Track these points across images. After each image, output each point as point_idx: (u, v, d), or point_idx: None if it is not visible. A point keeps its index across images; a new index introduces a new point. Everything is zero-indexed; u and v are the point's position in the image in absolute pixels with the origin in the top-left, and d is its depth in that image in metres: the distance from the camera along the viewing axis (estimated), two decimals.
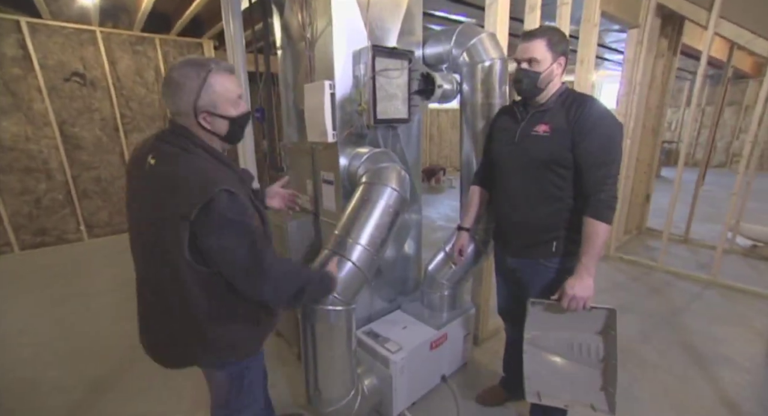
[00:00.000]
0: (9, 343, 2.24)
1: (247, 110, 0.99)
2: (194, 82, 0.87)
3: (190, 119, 0.90)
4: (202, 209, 0.81)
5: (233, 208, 0.85)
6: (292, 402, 1.76)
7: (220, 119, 0.92)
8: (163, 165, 0.89)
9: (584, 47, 2.29)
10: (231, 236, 0.86)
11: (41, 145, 3.77)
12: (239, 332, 1.02)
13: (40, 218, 3.89)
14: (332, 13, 1.42)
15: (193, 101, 0.88)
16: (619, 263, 3.29)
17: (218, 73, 0.90)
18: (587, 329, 1.25)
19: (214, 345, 0.99)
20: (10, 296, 2.85)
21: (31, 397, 1.81)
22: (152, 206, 0.89)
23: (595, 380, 1.25)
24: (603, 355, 1.23)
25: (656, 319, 2.40)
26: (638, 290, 2.80)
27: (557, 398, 1.30)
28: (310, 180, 1.88)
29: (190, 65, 0.88)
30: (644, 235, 4.00)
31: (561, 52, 1.19)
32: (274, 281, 0.95)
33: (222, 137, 0.96)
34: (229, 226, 0.85)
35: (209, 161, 0.91)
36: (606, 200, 1.13)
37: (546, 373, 1.32)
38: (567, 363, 1.30)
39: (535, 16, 1.85)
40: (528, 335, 1.31)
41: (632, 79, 2.97)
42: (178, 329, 0.97)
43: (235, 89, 0.94)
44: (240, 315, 1.00)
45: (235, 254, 0.87)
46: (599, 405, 1.23)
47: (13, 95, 3.57)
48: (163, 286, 0.94)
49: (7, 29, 3.42)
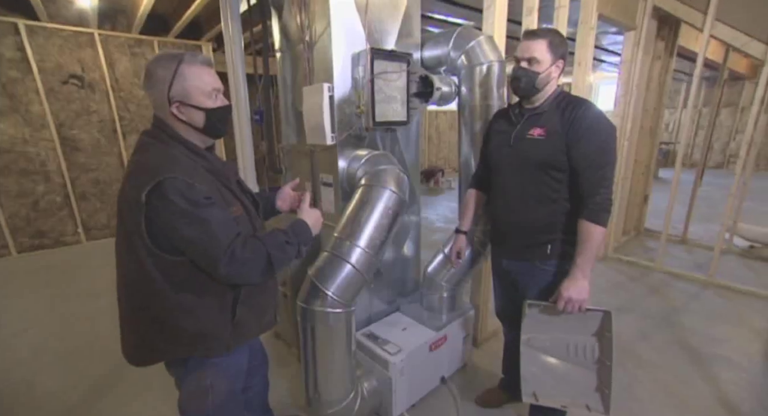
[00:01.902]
0: (8, 344, 2.24)
1: (226, 104, 0.98)
2: (167, 72, 0.88)
3: (165, 110, 0.91)
4: (152, 193, 0.82)
5: (185, 196, 0.84)
6: (291, 404, 1.75)
7: (194, 109, 0.92)
8: (136, 155, 0.93)
9: (581, 49, 2.30)
10: (184, 224, 0.86)
11: (39, 147, 3.76)
12: (207, 323, 0.98)
13: (38, 220, 3.88)
14: (330, 15, 1.43)
15: (166, 91, 0.89)
16: (618, 264, 3.31)
17: (191, 64, 0.90)
18: (583, 331, 1.26)
19: (179, 337, 0.96)
20: (9, 297, 2.84)
21: (30, 398, 1.81)
22: (120, 192, 0.90)
23: (590, 381, 1.27)
24: (598, 356, 1.25)
25: (655, 319, 2.41)
26: (637, 291, 2.81)
27: (553, 399, 1.31)
28: (308, 182, 1.88)
29: (164, 57, 0.90)
30: (642, 236, 4.01)
31: (560, 55, 1.20)
32: (239, 266, 0.90)
33: (200, 130, 0.95)
34: (180, 214, 0.85)
35: (181, 152, 0.92)
36: (601, 203, 1.14)
37: (542, 374, 1.33)
38: (562, 364, 1.32)
39: (533, 19, 1.86)
40: (524, 336, 1.32)
41: (629, 80, 2.99)
42: (142, 319, 0.96)
43: (210, 82, 0.94)
44: (208, 306, 0.97)
45: (191, 241, 0.87)
46: (594, 405, 1.25)
47: (11, 97, 3.57)
48: (131, 276, 0.93)
49: (4, 31, 3.42)
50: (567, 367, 1.30)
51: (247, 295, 1.03)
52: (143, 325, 0.96)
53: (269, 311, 1.15)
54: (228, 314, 1.00)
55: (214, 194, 0.92)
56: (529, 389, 1.33)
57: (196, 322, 0.96)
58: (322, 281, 1.30)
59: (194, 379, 1.05)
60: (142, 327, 0.97)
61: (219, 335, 1.00)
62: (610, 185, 1.15)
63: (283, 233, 1.01)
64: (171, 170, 0.85)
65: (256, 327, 1.11)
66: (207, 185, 0.91)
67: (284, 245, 0.98)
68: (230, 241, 0.89)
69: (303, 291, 1.34)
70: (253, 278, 0.95)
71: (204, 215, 0.86)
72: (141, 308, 0.95)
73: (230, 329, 1.01)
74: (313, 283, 1.32)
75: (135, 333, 0.98)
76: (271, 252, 0.94)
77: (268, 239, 0.96)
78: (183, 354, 1.01)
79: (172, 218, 0.84)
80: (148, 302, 0.93)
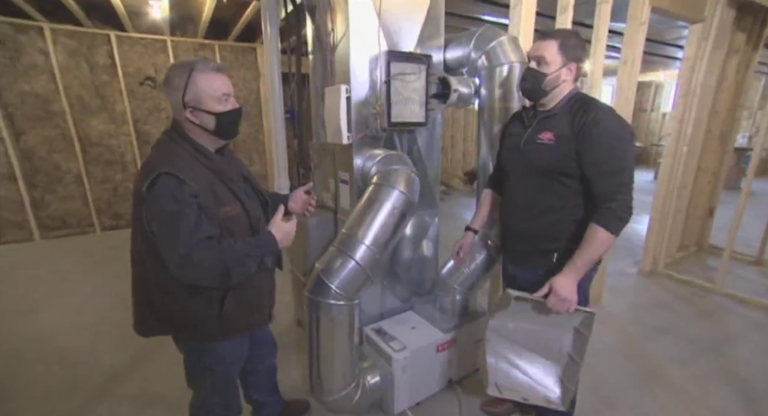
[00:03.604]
0: (78, 309, 2.61)
1: (236, 107, 1.05)
2: (181, 79, 0.97)
3: (181, 113, 1.00)
4: (149, 186, 0.93)
5: (172, 192, 0.92)
6: (302, 389, 1.85)
7: (205, 114, 1.00)
8: (152, 150, 1.04)
9: (629, 47, 2.12)
10: (156, 219, 0.94)
11: (120, 140, 4.32)
12: (199, 312, 1.05)
13: (116, 204, 4.46)
14: (350, 19, 1.49)
15: (180, 97, 0.98)
16: (667, 281, 3.00)
17: (203, 72, 0.98)
18: (558, 325, 1.22)
19: (168, 320, 1.07)
20: (88, 269, 3.29)
21: (89, 358, 2.10)
22: (134, 182, 1.03)
23: (554, 373, 1.26)
24: (568, 351, 1.22)
25: (700, 345, 2.16)
26: (684, 312, 2.54)
27: (516, 391, 1.32)
28: (332, 179, 1.97)
29: (179, 65, 0.99)
30: (705, 253, 3.58)
31: (573, 58, 1.14)
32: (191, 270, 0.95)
33: (211, 132, 1.03)
34: (158, 210, 0.93)
35: (185, 150, 1.01)
36: (617, 210, 1.07)
37: (506, 365, 1.34)
38: (528, 354, 1.31)
39: (567, 17, 1.77)
40: (494, 322, 1.30)
41: (692, 79, 2.68)
42: (140, 297, 1.08)
43: (221, 87, 1.00)
44: (195, 297, 1.04)
45: (157, 235, 0.95)
46: (555, 398, 1.25)
47: (102, 98, 4.14)
48: (133, 257, 1.06)
49: (100, 42, 3.98)
50: (532, 358, 1.30)
51: (237, 292, 1.09)
52: (141, 303, 1.09)
53: (262, 309, 1.21)
54: (216, 307, 1.06)
55: (206, 193, 0.98)
56: (491, 379, 1.33)
57: (183, 311, 1.05)
58: (327, 275, 1.36)
59: (195, 360, 1.17)
60: (141, 304, 1.10)
61: (204, 325, 1.07)
62: (628, 192, 1.08)
63: (246, 245, 1.02)
64: (168, 166, 0.94)
65: (245, 323, 1.16)
66: (202, 182, 0.98)
67: (244, 257, 1.00)
68: (191, 245, 0.92)
69: (310, 283, 1.42)
70: (206, 283, 0.99)
71: (178, 215, 0.92)
72: (138, 286, 1.08)
73: (216, 322, 1.07)
74: (319, 276, 1.39)
75: (136, 307, 1.11)
76: (229, 265, 0.97)
77: (229, 251, 0.98)
78: (174, 334, 1.13)
79: (152, 212, 0.94)
80: (143, 282, 1.06)
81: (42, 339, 2.27)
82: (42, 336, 2.31)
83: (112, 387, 1.88)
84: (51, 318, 2.52)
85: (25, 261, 3.49)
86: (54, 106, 3.89)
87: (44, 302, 2.72)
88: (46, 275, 3.17)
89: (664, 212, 2.88)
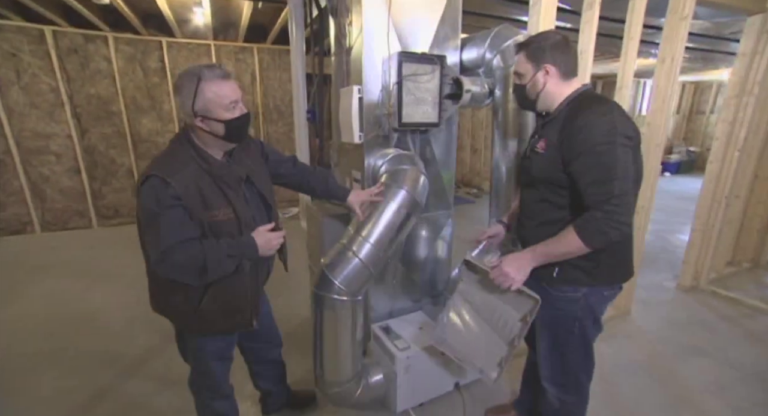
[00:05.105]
0: (123, 294, 2.87)
1: (244, 112, 1.09)
2: (189, 89, 1.00)
3: (192, 120, 1.05)
4: (139, 186, 1.00)
5: (156, 192, 0.97)
6: (311, 381, 1.89)
7: (215, 122, 1.04)
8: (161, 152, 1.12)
9: (668, 44, 1.96)
10: (142, 216, 1.01)
11: (165, 138, 4.66)
12: (179, 306, 1.14)
13: None
14: (363, 21, 1.52)
15: (190, 106, 1.02)
16: (711, 298, 2.74)
17: (210, 81, 1.01)
18: (514, 308, 1.23)
19: (162, 306, 1.18)
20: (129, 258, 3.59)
21: (121, 340, 2.30)
22: None
23: (499, 351, 1.26)
24: (512, 337, 1.23)
25: (743, 371, 1.96)
26: (727, 334, 2.31)
27: (454, 351, 1.40)
28: (348, 177, 2.01)
29: (187, 74, 1.02)
30: (762, 269, 3.22)
31: (543, 60, 1.09)
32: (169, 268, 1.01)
33: (221, 137, 1.08)
34: (141, 208, 1.00)
35: (185, 152, 1.07)
36: (600, 220, 0.97)
37: (460, 326, 1.39)
38: (483, 324, 1.33)
39: (593, 13, 1.68)
40: (462, 286, 1.38)
41: (749, 77, 2.43)
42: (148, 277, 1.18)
43: (229, 95, 1.03)
44: (176, 292, 1.11)
45: (141, 231, 1.02)
46: (488, 372, 1.29)
47: (152, 99, 4.51)
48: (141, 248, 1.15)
49: (152, 48, 4.35)
50: (486, 330, 1.32)
51: (215, 292, 1.13)
52: (149, 282, 1.20)
53: (243, 313, 1.22)
54: (193, 304, 1.12)
55: (194, 196, 1.01)
56: (439, 334, 1.43)
57: (166, 301, 1.16)
58: (331, 271, 1.40)
59: (181, 343, 1.29)
60: (149, 283, 1.20)
61: (185, 318, 1.17)
62: (620, 204, 0.95)
63: (228, 247, 1.05)
64: (159, 168, 0.99)
65: (224, 324, 1.20)
66: (191, 186, 1.01)
67: (224, 258, 1.04)
68: (171, 244, 0.98)
69: (316, 278, 1.47)
70: (184, 280, 1.04)
71: (160, 215, 0.97)
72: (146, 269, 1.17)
73: (194, 317, 1.14)
74: (324, 271, 1.43)
75: (149, 286, 1.21)
76: (208, 264, 1.01)
77: (210, 251, 1.02)
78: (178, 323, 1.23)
79: (138, 210, 1.03)
80: (146, 266, 1.14)
81: (92, 315, 2.54)
82: (92, 312, 2.58)
83: (141, 366, 2.05)
84: (101, 297, 2.80)
85: (85, 247, 3.90)
86: (113, 106, 4.32)
87: (96, 283, 3.03)
88: (100, 260, 3.53)
89: (708, 223, 2.63)
